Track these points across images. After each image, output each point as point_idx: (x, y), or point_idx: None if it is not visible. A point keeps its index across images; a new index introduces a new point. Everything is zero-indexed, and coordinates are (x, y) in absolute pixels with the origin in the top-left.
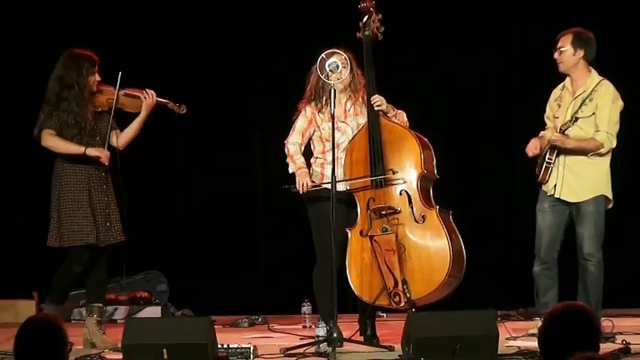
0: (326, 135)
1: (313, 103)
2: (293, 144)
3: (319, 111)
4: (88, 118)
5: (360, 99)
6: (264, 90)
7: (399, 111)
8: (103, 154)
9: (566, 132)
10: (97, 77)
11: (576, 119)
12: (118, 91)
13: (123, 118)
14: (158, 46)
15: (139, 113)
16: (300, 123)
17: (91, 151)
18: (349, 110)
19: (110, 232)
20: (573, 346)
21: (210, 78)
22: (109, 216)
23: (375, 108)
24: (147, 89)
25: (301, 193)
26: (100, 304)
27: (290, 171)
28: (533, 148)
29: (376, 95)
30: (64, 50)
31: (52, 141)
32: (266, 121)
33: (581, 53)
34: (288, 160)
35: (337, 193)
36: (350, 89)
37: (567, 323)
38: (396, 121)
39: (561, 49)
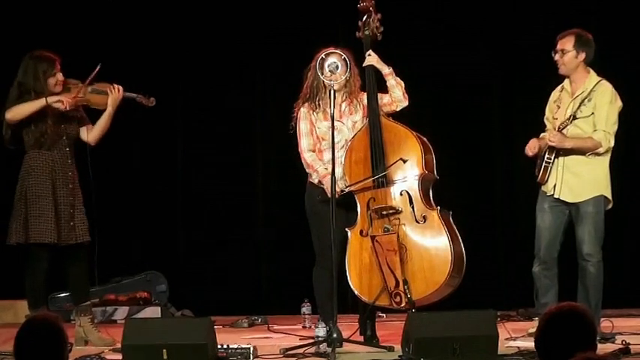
0: (321, 134)
1: (308, 103)
2: (308, 150)
3: (314, 110)
4: (47, 121)
5: (355, 99)
6: (264, 90)
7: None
8: (64, 99)
9: (563, 131)
10: (59, 77)
11: (574, 117)
12: (87, 85)
13: (97, 112)
14: (158, 46)
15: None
16: (304, 126)
17: (52, 99)
18: (344, 110)
19: (74, 231)
20: (570, 346)
21: (210, 78)
22: (74, 216)
23: (365, 63)
24: (114, 84)
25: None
26: (89, 303)
27: (315, 181)
28: (532, 147)
29: (370, 50)
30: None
31: (12, 112)
32: (266, 121)
33: (582, 56)
34: (309, 170)
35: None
36: (346, 89)
37: (562, 325)
38: (395, 122)
39: (563, 51)
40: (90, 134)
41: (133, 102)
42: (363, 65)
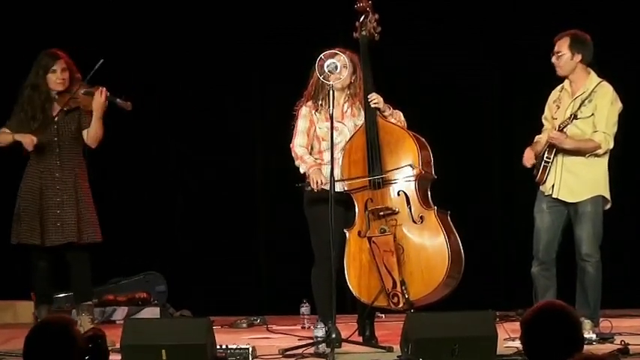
0: (322, 134)
1: (311, 102)
2: (300, 146)
3: (316, 110)
4: (37, 116)
5: (359, 102)
6: (263, 90)
7: (396, 111)
8: (27, 139)
9: (564, 130)
10: (61, 75)
11: (575, 117)
12: (80, 86)
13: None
14: (158, 46)
15: None
16: (301, 124)
17: (18, 136)
18: (347, 111)
19: (60, 232)
20: (556, 345)
21: (210, 78)
22: (61, 216)
23: (372, 105)
24: (100, 87)
25: (315, 191)
26: (90, 302)
27: (302, 171)
28: (529, 158)
29: (373, 93)
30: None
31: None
32: (266, 121)
33: (578, 57)
34: (298, 161)
35: (335, 194)
36: (349, 91)
37: (543, 325)
38: (393, 121)
39: (559, 54)
40: (88, 137)
41: (114, 106)
42: (372, 106)
